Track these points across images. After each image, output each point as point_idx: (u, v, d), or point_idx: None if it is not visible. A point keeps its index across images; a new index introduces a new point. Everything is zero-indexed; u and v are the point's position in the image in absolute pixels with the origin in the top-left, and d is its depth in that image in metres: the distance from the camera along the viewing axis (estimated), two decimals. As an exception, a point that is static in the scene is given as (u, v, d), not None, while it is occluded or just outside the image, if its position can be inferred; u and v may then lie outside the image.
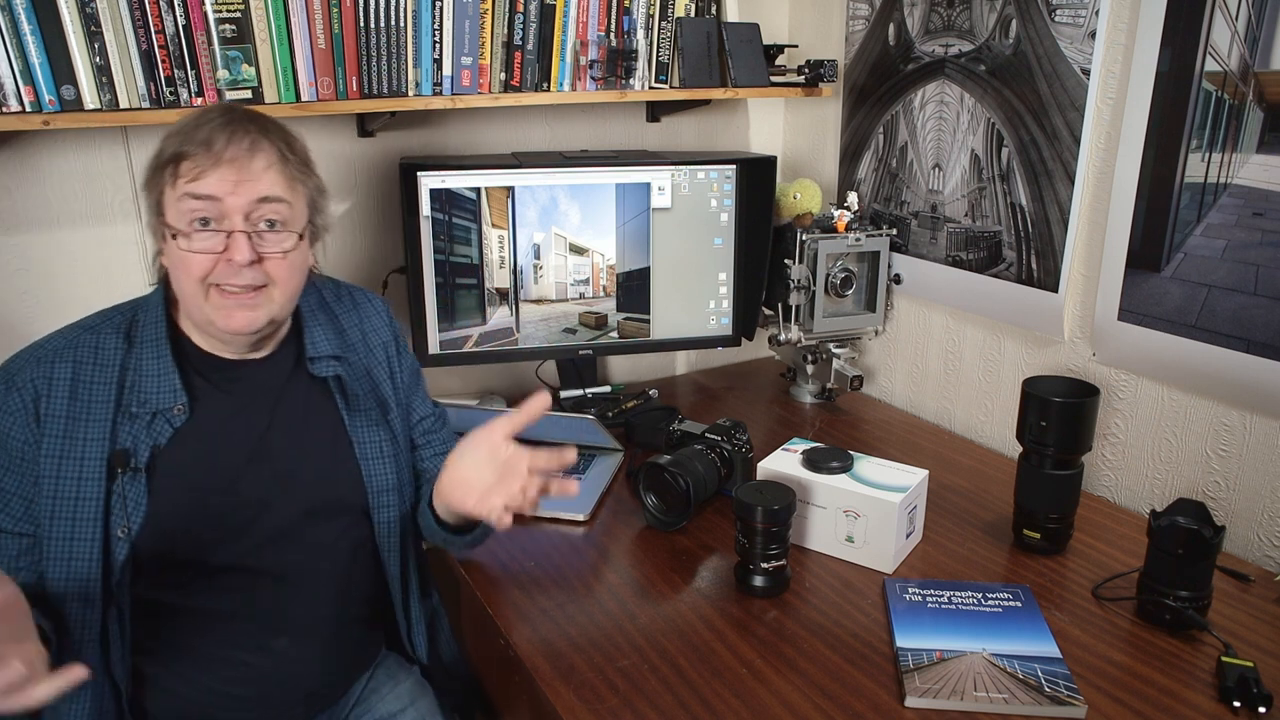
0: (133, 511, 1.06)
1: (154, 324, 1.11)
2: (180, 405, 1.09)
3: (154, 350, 1.10)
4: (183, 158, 1.03)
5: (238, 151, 1.04)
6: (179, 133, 1.06)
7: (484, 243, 1.75)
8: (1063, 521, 1.36)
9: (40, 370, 1.06)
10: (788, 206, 1.89)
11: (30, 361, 1.07)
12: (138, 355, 1.09)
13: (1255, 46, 1.28)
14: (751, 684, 1.09)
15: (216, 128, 1.05)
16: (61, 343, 1.09)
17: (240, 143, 1.05)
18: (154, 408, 1.08)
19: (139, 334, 1.10)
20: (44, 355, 1.08)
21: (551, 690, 1.08)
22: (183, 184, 1.03)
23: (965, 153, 1.74)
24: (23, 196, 1.53)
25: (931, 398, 1.94)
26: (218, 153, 1.03)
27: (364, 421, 1.22)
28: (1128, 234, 1.47)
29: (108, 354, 1.09)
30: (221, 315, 1.07)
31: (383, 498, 1.23)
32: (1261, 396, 1.34)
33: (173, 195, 1.04)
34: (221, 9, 1.42)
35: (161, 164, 1.06)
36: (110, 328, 1.11)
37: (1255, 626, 1.20)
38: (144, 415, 1.08)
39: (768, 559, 1.24)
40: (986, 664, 1.10)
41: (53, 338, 1.10)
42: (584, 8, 1.73)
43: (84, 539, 1.04)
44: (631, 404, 1.88)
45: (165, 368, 1.09)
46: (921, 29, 1.79)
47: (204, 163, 1.03)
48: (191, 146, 1.03)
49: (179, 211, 1.04)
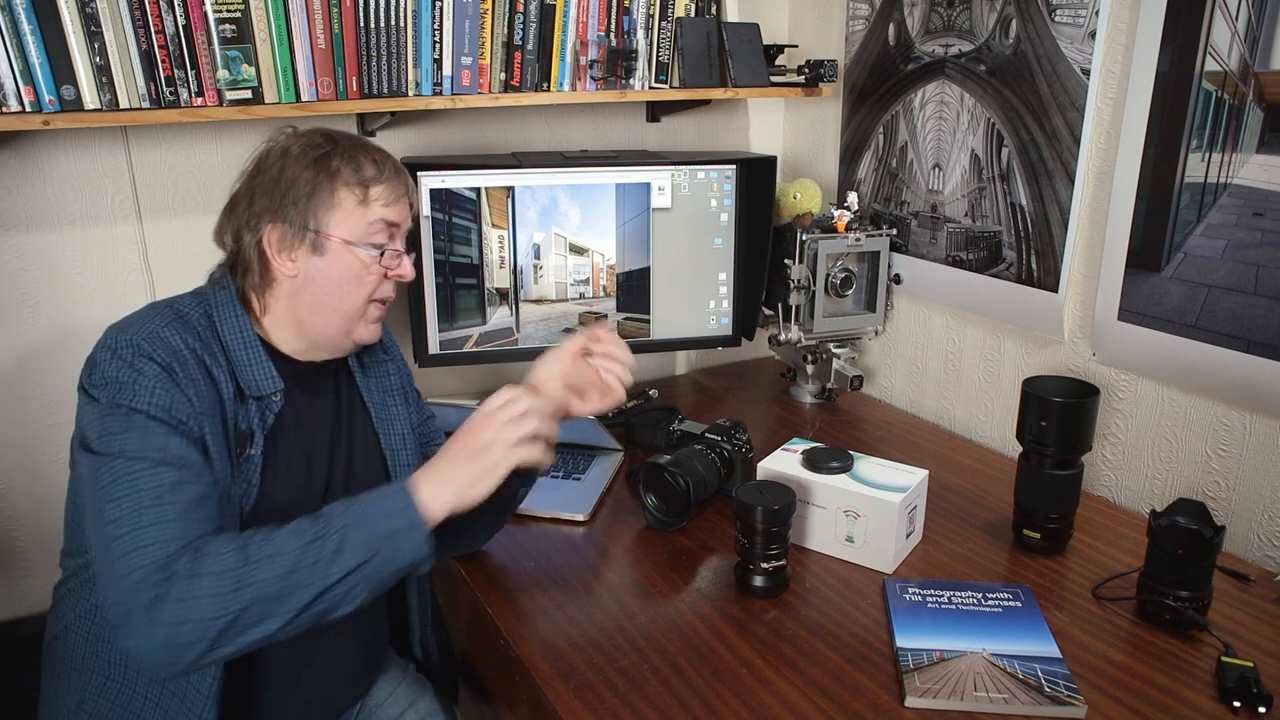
0: (245, 494, 1.07)
1: (234, 317, 1.11)
2: (278, 391, 1.11)
3: (241, 340, 1.10)
4: (375, 182, 1.11)
5: (407, 184, 1.16)
6: (341, 155, 1.10)
7: (484, 243, 1.75)
8: (1063, 521, 1.36)
9: (167, 353, 1.02)
10: (788, 206, 1.89)
11: (150, 345, 1.01)
12: (229, 346, 1.10)
13: (1255, 46, 1.28)
14: (751, 684, 1.09)
15: (376, 158, 1.13)
16: (164, 328, 1.04)
17: (405, 181, 1.16)
18: (257, 393, 1.09)
19: (220, 327, 1.10)
20: (157, 333, 1.03)
21: (551, 690, 1.08)
22: (377, 206, 1.11)
23: (965, 153, 1.74)
24: (23, 196, 1.53)
25: (931, 398, 1.94)
26: (399, 183, 1.14)
27: (390, 414, 1.27)
28: (1128, 234, 1.47)
29: (209, 340, 1.08)
30: (368, 330, 1.16)
31: None
32: (1261, 396, 1.34)
33: (361, 215, 1.11)
34: (221, 9, 1.42)
35: (344, 181, 1.09)
36: (194, 318, 1.09)
37: (1255, 626, 1.20)
38: (252, 400, 1.09)
39: (768, 559, 1.24)
40: (986, 664, 1.10)
41: (145, 324, 1.04)
42: (584, 8, 1.73)
43: (230, 517, 1.04)
44: (631, 404, 1.88)
45: (258, 356, 1.11)
46: (921, 29, 1.79)
47: (392, 192, 1.13)
48: (376, 176, 1.11)
49: (363, 229, 1.11)
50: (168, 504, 0.94)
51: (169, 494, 0.95)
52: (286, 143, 1.12)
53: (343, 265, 1.11)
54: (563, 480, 1.59)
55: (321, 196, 1.09)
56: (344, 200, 1.10)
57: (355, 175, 1.10)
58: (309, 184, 1.09)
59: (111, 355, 1.01)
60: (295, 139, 1.12)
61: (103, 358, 1.01)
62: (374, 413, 1.25)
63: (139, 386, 0.99)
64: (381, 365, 1.28)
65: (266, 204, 1.09)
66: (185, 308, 1.10)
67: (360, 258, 1.11)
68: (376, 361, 1.28)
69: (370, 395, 1.26)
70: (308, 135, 1.13)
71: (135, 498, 0.94)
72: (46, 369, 1.59)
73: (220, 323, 1.10)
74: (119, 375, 0.99)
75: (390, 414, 1.27)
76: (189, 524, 0.94)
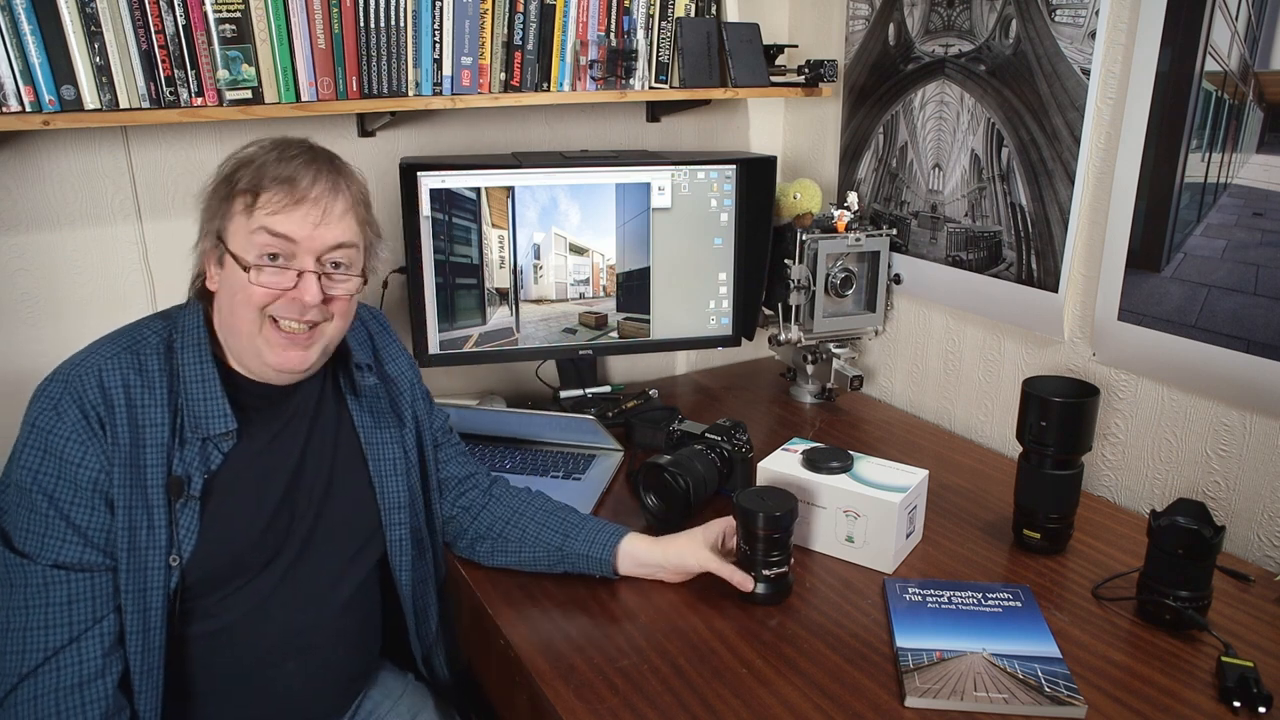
0: (184, 539, 1.03)
1: (195, 346, 1.07)
2: (230, 431, 1.07)
3: (198, 373, 1.06)
4: (262, 190, 1.02)
5: (320, 193, 1.04)
6: (255, 162, 1.04)
7: (484, 243, 1.75)
8: (1063, 521, 1.36)
9: (98, 394, 1.01)
10: (788, 206, 1.89)
11: (82, 385, 1.01)
12: (183, 379, 1.06)
13: (1255, 46, 1.28)
14: (751, 684, 1.09)
15: (301, 165, 1.04)
16: (106, 363, 1.03)
17: (322, 184, 1.04)
18: (205, 433, 1.05)
19: (180, 356, 1.07)
20: (90, 377, 1.01)
21: (551, 690, 1.08)
22: (261, 216, 1.02)
23: (965, 153, 1.74)
24: (23, 196, 1.53)
25: (931, 398, 1.94)
26: (301, 192, 1.03)
27: (381, 438, 1.23)
28: (1128, 234, 1.47)
29: (153, 376, 1.05)
30: (274, 352, 1.06)
31: (394, 515, 1.23)
32: (1261, 396, 1.34)
33: (245, 225, 1.03)
34: (221, 9, 1.42)
35: (235, 190, 1.03)
36: (148, 348, 1.06)
37: (1255, 626, 1.20)
38: (195, 441, 1.05)
39: (769, 565, 1.23)
40: (986, 664, 1.10)
41: (90, 358, 1.04)
42: (584, 8, 1.73)
43: (156, 568, 1.02)
44: (631, 404, 1.88)
45: (213, 392, 1.06)
46: (921, 29, 1.79)
47: (285, 200, 1.02)
48: (273, 181, 1.02)
49: (249, 243, 1.03)
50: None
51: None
52: (240, 150, 1.08)
53: (232, 280, 1.04)
54: (563, 480, 1.59)
55: (222, 207, 1.05)
56: (236, 209, 1.03)
57: (249, 182, 1.02)
58: (217, 194, 1.05)
59: (40, 394, 1.02)
60: (246, 150, 1.08)
61: (36, 394, 1.03)
62: (363, 436, 1.21)
63: (54, 435, 0.99)
64: (373, 388, 1.23)
65: (200, 220, 1.07)
66: (145, 334, 1.07)
67: (237, 273, 1.03)
68: (364, 381, 1.21)
69: (361, 418, 1.21)
70: (262, 141, 1.08)
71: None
72: (46, 369, 1.58)
73: (181, 352, 1.06)
74: (38, 419, 1.00)
75: (380, 438, 1.22)
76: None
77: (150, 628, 1.02)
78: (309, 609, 1.15)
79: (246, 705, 1.12)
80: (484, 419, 1.76)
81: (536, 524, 1.30)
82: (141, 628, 1.02)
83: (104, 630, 1.00)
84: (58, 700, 0.97)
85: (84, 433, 0.99)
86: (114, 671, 1.00)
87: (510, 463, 1.65)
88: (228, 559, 1.07)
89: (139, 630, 1.02)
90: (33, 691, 0.97)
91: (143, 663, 1.02)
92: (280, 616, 1.12)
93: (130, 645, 1.02)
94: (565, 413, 1.81)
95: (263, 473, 1.11)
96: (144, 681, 1.02)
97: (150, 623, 1.02)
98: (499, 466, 1.63)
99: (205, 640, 1.08)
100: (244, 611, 1.10)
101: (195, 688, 1.09)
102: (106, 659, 1.00)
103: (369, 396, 1.23)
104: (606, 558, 1.25)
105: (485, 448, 1.72)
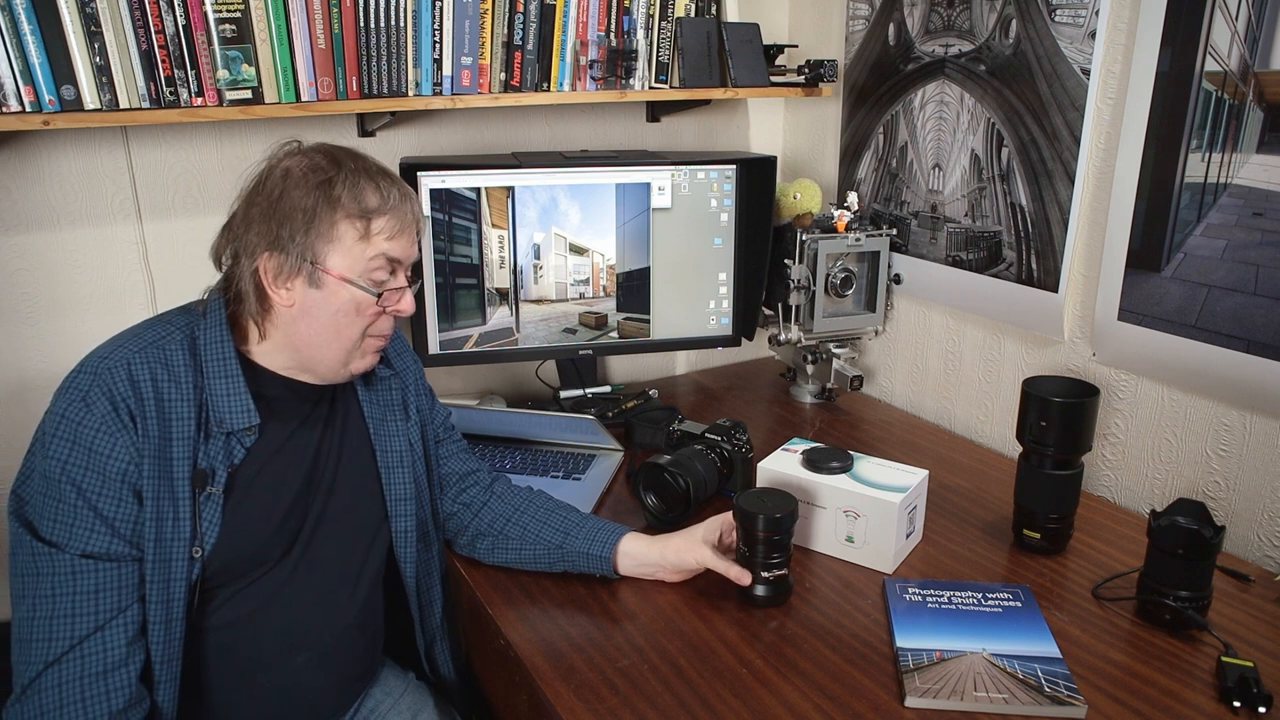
0: (207, 532, 1.05)
1: (218, 343, 1.09)
2: (253, 426, 1.09)
3: (222, 369, 1.08)
4: (378, 214, 1.07)
5: (417, 214, 1.13)
6: (350, 182, 1.06)
7: (484, 243, 1.75)
8: (1063, 521, 1.36)
9: (128, 387, 1.02)
10: (788, 206, 1.89)
11: (112, 377, 1.02)
12: (208, 374, 1.07)
13: (1255, 46, 1.28)
14: (751, 684, 1.09)
15: (395, 190, 1.09)
16: (134, 356, 1.04)
17: (410, 203, 1.12)
18: (229, 428, 1.07)
19: (204, 352, 1.08)
20: (119, 370, 1.03)
21: (551, 690, 1.08)
22: (380, 242, 1.08)
23: (965, 153, 1.74)
24: (23, 196, 1.53)
25: (931, 398, 1.94)
26: (404, 212, 1.10)
27: (388, 430, 1.25)
28: (1128, 234, 1.47)
29: (178, 370, 1.06)
30: (364, 361, 1.15)
31: (400, 506, 1.24)
32: (1261, 396, 1.34)
33: (361, 251, 1.07)
34: (221, 9, 1.42)
35: (345, 213, 1.06)
36: (173, 343, 1.07)
37: (1255, 626, 1.20)
38: (220, 435, 1.07)
39: (769, 568, 1.22)
40: (986, 664, 1.10)
41: (118, 351, 1.05)
42: (584, 8, 1.73)
43: (179, 560, 1.04)
44: (631, 404, 1.88)
45: (237, 388, 1.08)
46: (921, 29, 1.79)
47: (397, 225, 1.09)
48: (383, 203, 1.07)
49: (363, 264, 1.08)
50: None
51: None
52: (288, 163, 1.07)
53: (339, 301, 1.08)
54: (563, 480, 1.59)
55: (321, 228, 1.05)
56: (344, 234, 1.06)
57: (357, 205, 1.06)
58: (308, 214, 1.04)
59: (68, 387, 1.03)
60: (296, 159, 1.08)
61: (63, 386, 1.03)
62: (372, 428, 1.23)
63: (83, 427, 1.00)
64: (385, 380, 1.26)
65: (263, 230, 1.05)
66: (169, 330, 1.09)
67: (355, 295, 1.08)
68: (379, 375, 1.25)
69: (371, 410, 1.24)
70: (309, 156, 1.08)
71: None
72: (46, 368, 1.59)
73: (205, 348, 1.08)
74: (66, 410, 1.01)
75: (388, 430, 1.25)
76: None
77: (172, 618, 1.04)
78: (318, 602, 1.16)
79: (256, 699, 1.13)
80: (484, 419, 1.76)
81: (537, 522, 1.30)
82: (164, 618, 1.03)
83: (128, 620, 1.02)
84: (82, 687, 0.98)
85: (114, 425, 1.01)
86: (136, 661, 1.02)
87: (510, 463, 1.65)
88: (247, 551, 1.09)
89: (161, 620, 1.03)
90: (58, 678, 0.98)
91: (164, 652, 1.04)
92: (291, 609, 1.13)
93: (152, 635, 1.03)
94: (565, 413, 1.81)
95: (282, 466, 1.13)
96: (164, 671, 1.04)
97: (172, 613, 1.04)
98: (499, 466, 1.63)
99: (220, 633, 1.10)
100: (258, 603, 1.11)
101: (208, 681, 1.11)
102: (130, 648, 1.02)
103: (380, 389, 1.25)
104: (606, 555, 1.26)
105: (485, 448, 1.72)
